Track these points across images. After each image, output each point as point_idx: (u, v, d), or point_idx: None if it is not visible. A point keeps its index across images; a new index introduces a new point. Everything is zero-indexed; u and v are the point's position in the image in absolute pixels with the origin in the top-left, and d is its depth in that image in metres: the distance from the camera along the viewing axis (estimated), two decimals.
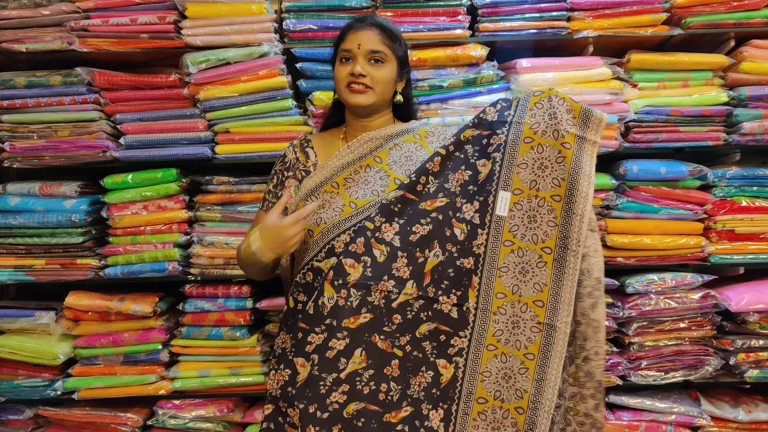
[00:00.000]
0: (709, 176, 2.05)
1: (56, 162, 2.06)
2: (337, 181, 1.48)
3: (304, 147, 1.58)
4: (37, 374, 2.07)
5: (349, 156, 1.50)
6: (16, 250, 2.07)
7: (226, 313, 2.06)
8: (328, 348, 1.34)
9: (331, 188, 1.47)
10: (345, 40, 1.49)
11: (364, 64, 1.46)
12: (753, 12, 2.04)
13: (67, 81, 2.02)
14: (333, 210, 1.44)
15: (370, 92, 1.47)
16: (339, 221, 1.42)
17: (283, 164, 1.57)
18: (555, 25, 2.07)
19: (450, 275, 1.37)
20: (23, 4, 2.01)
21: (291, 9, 2.08)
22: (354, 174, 1.49)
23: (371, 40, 1.46)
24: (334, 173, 1.49)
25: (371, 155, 1.51)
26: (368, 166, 1.49)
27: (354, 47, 1.46)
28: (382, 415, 1.34)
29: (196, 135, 2.06)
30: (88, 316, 2.07)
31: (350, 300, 1.35)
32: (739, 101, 2.07)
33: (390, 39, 1.49)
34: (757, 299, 1.99)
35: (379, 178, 1.47)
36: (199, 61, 1.99)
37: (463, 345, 1.36)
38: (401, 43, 1.54)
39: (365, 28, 1.48)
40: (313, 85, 2.08)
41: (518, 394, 1.34)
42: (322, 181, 1.48)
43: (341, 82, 1.48)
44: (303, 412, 1.32)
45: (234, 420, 2.11)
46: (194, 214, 2.10)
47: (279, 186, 1.55)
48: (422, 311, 1.38)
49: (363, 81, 1.45)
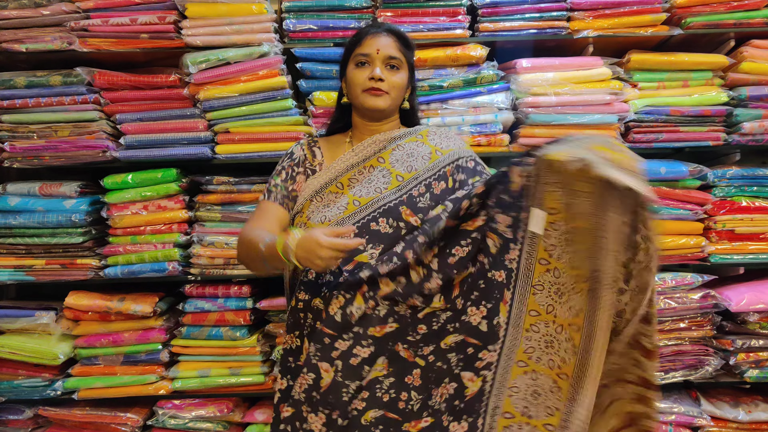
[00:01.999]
0: (709, 176, 2.05)
1: (56, 162, 2.06)
2: (342, 182, 1.49)
3: (311, 146, 1.58)
4: (37, 374, 2.07)
5: (354, 158, 1.52)
6: (16, 250, 2.07)
7: (226, 313, 2.06)
8: (352, 355, 1.34)
9: (336, 188, 1.48)
10: (362, 45, 1.49)
11: (382, 68, 1.48)
12: (753, 12, 2.04)
13: (67, 81, 2.02)
14: (337, 208, 1.45)
15: (386, 96, 1.48)
16: (342, 218, 1.43)
17: (291, 160, 1.56)
18: (555, 25, 2.07)
19: (480, 287, 1.34)
20: (23, 4, 2.01)
21: (291, 9, 2.08)
22: (358, 174, 1.50)
23: (389, 45, 1.49)
24: (339, 174, 1.50)
25: (375, 156, 1.52)
26: (372, 167, 1.50)
27: (373, 52, 1.47)
28: (401, 423, 1.33)
29: (196, 135, 2.06)
30: (88, 316, 2.07)
31: (377, 309, 1.35)
32: (739, 101, 2.07)
33: (405, 46, 1.52)
34: (757, 299, 1.99)
35: (381, 176, 1.48)
36: (199, 61, 1.99)
37: (492, 359, 1.32)
38: (413, 51, 1.57)
39: (383, 33, 1.50)
40: (313, 85, 2.08)
41: (548, 412, 1.30)
42: (327, 181, 1.50)
43: (359, 86, 1.49)
44: (328, 418, 1.32)
45: (234, 420, 2.11)
46: (194, 214, 2.10)
47: (289, 180, 1.53)
48: (449, 323, 1.35)
49: (380, 86, 1.47)
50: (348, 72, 1.53)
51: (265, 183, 2.03)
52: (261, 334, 2.11)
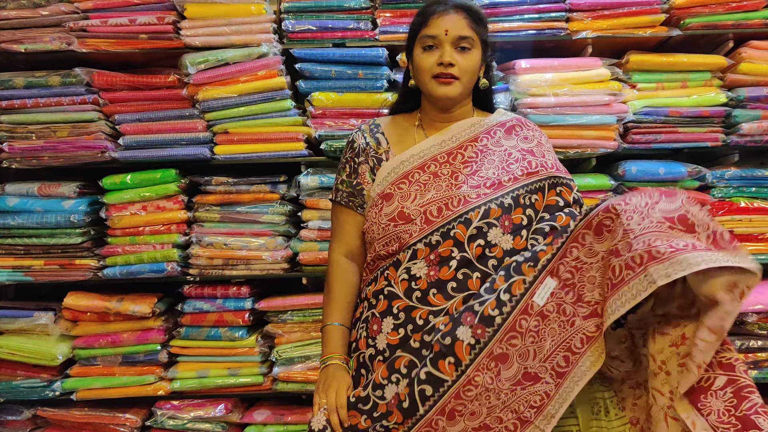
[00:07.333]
0: (707, 177, 2.06)
1: (55, 162, 2.05)
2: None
3: (374, 132, 1.46)
4: (36, 375, 2.07)
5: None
6: (15, 250, 2.06)
7: (224, 314, 2.06)
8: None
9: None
10: (428, 25, 1.36)
11: (451, 51, 1.34)
12: (751, 13, 2.04)
13: (65, 81, 2.02)
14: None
15: (456, 83, 1.36)
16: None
17: (352, 151, 1.45)
18: (554, 26, 2.08)
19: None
20: (22, 4, 2.01)
21: (290, 9, 2.08)
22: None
23: (458, 24, 1.35)
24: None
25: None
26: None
27: (441, 33, 1.34)
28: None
29: (194, 135, 2.06)
30: (87, 317, 2.06)
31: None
32: (737, 102, 2.07)
33: (476, 22, 1.38)
34: (755, 300, 1.99)
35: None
36: (198, 61, 1.99)
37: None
38: (486, 25, 1.42)
39: (450, 11, 1.36)
40: (312, 86, 2.08)
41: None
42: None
43: (426, 72, 1.37)
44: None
45: (232, 420, 2.11)
46: (193, 214, 2.10)
47: (353, 174, 1.44)
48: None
49: (451, 71, 1.35)
50: (415, 56, 1.40)
51: (264, 183, 2.08)
52: (260, 335, 2.10)
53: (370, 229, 1.39)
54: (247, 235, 2.08)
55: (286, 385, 2.06)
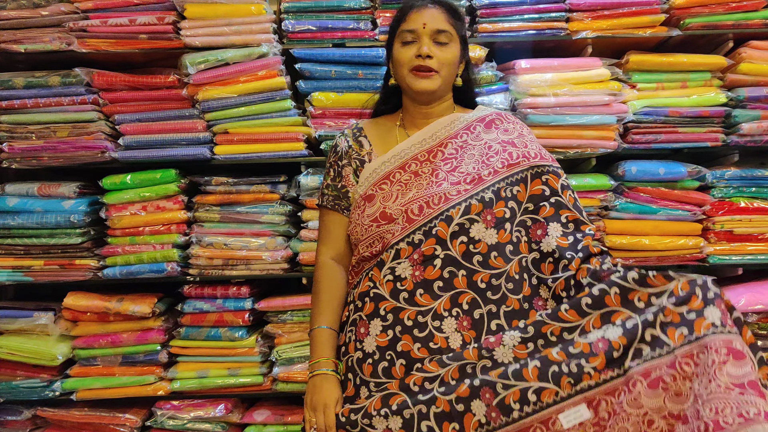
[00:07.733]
0: (707, 177, 2.05)
1: (55, 162, 2.05)
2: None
3: (356, 136, 1.48)
4: (36, 375, 2.07)
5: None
6: (15, 250, 2.06)
7: (224, 314, 2.06)
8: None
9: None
10: (406, 20, 1.38)
11: (429, 44, 1.36)
12: (751, 13, 2.04)
13: (65, 81, 2.02)
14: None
15: (436, 76, 1.37)
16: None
17: (336, 154, 1.48)
18: (554, 26, 2.08)
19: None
20: (22, 4, 2.01)
21: (290, 10, 2.08)
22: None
23: (436, 18, 1.37)
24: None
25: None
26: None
27: (419, 27, 1.36)
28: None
29: (194, 136, 2.06)
30: (87, 317, 2.06)
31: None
32: (737, 102, 2.07)
33: (453, 17, 1.40)
34: (755, 300, 1.99)
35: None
36: (198, 61, 1.99)
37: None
38: (464, 21, 1.45)
39: (428, 5, 1.38)
40: (312, 86, 2.08)
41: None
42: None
43: (404, 65, 1.38)
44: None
45: (232, 421, 2.11)
46: (193, 214, 2.10)
47: (337, 178, 1.46)
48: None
49: (429, 64, 1.36)
50: (394, 51, 1.42)
51: (264, 183, 2.07)
52: (260, 335, 2.10)
53: (354, 231, 1.40)
54: (247, 235, 2.08)
55: (286, 385, 2.06)
